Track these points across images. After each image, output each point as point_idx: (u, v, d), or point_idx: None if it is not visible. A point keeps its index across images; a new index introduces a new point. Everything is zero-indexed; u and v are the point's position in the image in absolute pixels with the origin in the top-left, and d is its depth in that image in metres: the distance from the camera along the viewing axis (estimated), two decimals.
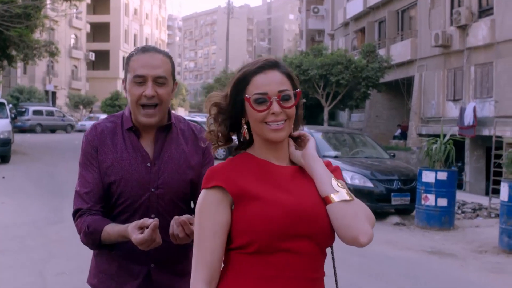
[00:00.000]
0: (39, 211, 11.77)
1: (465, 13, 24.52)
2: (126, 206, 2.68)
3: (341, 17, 40.32)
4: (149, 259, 2.68)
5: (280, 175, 2.08)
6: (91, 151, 2.70)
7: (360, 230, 1.93)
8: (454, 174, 11.62)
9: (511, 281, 7.85)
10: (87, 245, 2.68)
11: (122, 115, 2.79)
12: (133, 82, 2.62)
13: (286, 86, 2.07)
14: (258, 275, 1.96)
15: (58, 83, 64.13)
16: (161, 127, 2.73)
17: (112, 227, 2.58)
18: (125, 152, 2.69)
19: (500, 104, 22.44)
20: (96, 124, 2.79)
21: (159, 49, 2.73)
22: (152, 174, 2.68)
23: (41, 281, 7.12)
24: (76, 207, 2.69)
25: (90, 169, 2.69)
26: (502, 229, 9.56)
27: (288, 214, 1.96)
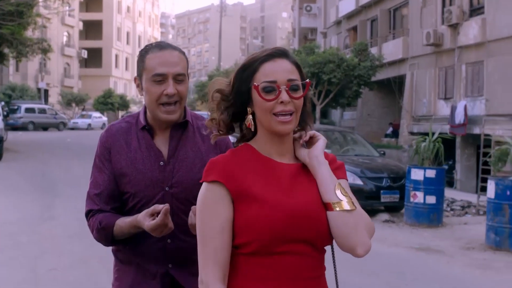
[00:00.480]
0: (31, 208, 11.83)
1: (456, 12, 24.62)
2: (140, 206, 2.63)
3: (334, 16, 40.40)
4: (167, 259, 2.65)
5: (282, 173, 2.02)
6: (104, 152, 2.70)
7: (359, 241, 1.92)
8: (443, 172, 11.74)
9: (497, 277, 7.97)
10: (100, 241, 2.69)
11: (138, 115, 2.77)
12: (152, 81, 2.58)
13: (295, 75, 2.02)
14: (255, 276, 1.94)
15: (51, 81, 64.06)
16: (176, 125, 2.70)
17: (123, 219, 2.59)
18: (139, 151, 2.67)
19: (490, 102, 22.56)
20: (112, 125, 2.80)
21: (174, 46, 2.70)
22: (166, 172, 2.64)
23: (33, 276, 7.19)
24: (87, 208, 2.71)
25: (101, 170, 2.69)
26: (488, 226, 9.69)
27: (288, 218, 1.92)
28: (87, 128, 52.08)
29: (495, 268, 8.43)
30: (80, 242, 8.95)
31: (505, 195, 9.33)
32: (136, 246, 2.65)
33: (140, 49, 23.29)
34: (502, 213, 9.35)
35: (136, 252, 2.67)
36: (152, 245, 2.61)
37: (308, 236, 1.94)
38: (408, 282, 7.59)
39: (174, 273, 2.65)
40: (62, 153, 25.31)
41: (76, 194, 13.85)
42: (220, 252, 1.95)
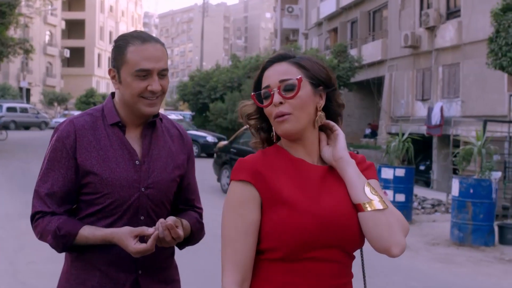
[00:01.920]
0: (11, 205, 12.07)
1: (433, 15, 25.03)
2: (114, 207, 2.43)
3: (315, 17, 40.74)
4: (137, 266, 2.46)
5: (312, 176, 1.95)
6: (62, 148, 2.44)
7: (393, 241, 1.85)
8: (412, 171, 12.13)
9: (457, 270, 8.34)
10: (55, 248, 2.42)
11: (102, 109, 2.55)
12: (135, 75, 2.40)
13: (290, 75, 1.94)
14: (281, 282, 1.88)
15: (33, 80, 63.87)
16: (148, 123, 2.55)
17: (91, 231, 2.38)
18: (110, 149, 2.46)
19: (466, 104, 22.97)
20: (74, 119, 2.51)
21: (155, 37, 2.53)
22: (142, 172, 2.47)
23: (12, 269, 7.46)
24: (35, 209, 2.45)
25: (57, 167, 2.44)
26: (453, 223, 10.10)
27: (319, 224, 1.85)
28: None
29: (456, 262, 8.82)
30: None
31: (468, 193, 9.73)
32: (101, 254, 2.42)
33: None
34: (465, 210, 9.76)
35: (102, 261, 2.43)
36: (121, 252, 2.38)
37: (338, 242, 1.89)
38: (370, 275, 7.93)
39: (142, 282, 2.47)
40: (43, 152, 25.29)
41: None
42: (241, 255, 1.89)
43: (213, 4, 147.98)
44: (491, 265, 8.70)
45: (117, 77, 2.47)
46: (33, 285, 6.85)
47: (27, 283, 6.93)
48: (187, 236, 2.53)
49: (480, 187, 9.69)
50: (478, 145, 9.96)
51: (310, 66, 1.98)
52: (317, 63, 2.02)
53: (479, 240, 9.75)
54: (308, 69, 1.97)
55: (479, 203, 9.69)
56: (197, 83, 35.45)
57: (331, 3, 37.01)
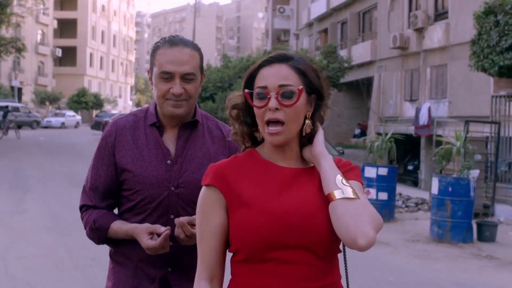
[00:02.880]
0: (2, 203, 12.29)
1: (421, 16, 25.25)
2: (144, 204, 2.56)
3: (306, 18, 40.91)
4: (166, 263, 2.57)
5: (279, 177, 1.94)
6: (105, 146, 2.61)
7: (360, 231, 1.75)
8: (394, 170, 12.42)
9: (433, 265, 8.60)
10: (93, 240, 2.64)
11: (146, 110, 2.69)
12: (159, 77, 2.52)
13: (291, 81, 1.90)
14: (249, 285, 1.87)
15: (24, 79, 63.78)
16: (185, 124, 2.62)
17: (119, 225, 2.54)
18: (146, 149, 2.58)
19: (453, 104, 23.23)
20: (118, 119, 2.70)
21: (187, 41, 2.60)
22: (173, 172, 2.56)
23: (3, 263, 7.69)
24: (82, 203, 2.67)
25: (101, 164, 2.62)
26: (432, 220, 10.39)
27: (277, 223, 1.83)
28: (60, 126, 52.12)
29: (434, 258, 9.10)
30: (48, 233, 9.52)
31: (447, 191, 10.02)
32: (134, 249, 2.54)
33: (115, 48, 24.02)
34: (444, 208, 10.04)
35: (135, 255, 2.58)
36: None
37: (302, 242, 1.84)
38: (351, 270, 8.19)
39: (171, 278, 2.58)
40: (35, 151, 25.65)
41: (47, 190, 14.38)
42: (209, 255, 1.94)
43: (206, 4, 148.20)
44: (467, 260, 8.98)
45: (151, 79, 2.60)
46: (23, 278, 7.08)
47: (17, 276, 7.17)
48: None
49: (458, 185, 9.98)
50: (457, 145, 10.26)
51: (309, 73, 1.95)
52: (313, 69, 1.99)
53: (458, 237, 10.04)
54: (307, 77, 1.94)
55: (457, 201, 9.97)
56: None
57: (322, 4, 37.23)
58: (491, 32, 13.48)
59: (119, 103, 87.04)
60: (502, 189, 14.17)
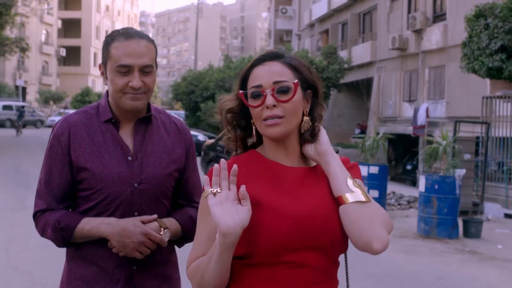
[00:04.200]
0: (4, 200, 12.69)
1: (420, 18, 25.55)
2: (107, 203, 2.46)
3: (307, 18, 41.21)
4: (132, 261, 2.47)
5: (289, 178, 1.90)
6: (58, 145, 2.49)
7: (375, 235, 1.74)
8: (386, 169, 12.79)
9: (417, 259, 8.95)
10: (54, 241, 2.49)
11: (97, 106, 2.59)
12: (116, 71, 2.42)
13: (285, 77, 1.87)
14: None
15: (29, 79, 64.25)
16: (140, 119, 2.55)
17: (91, 223, 2.44)
18: (104, 146, 2.48)
19: (450, 105, 23.54)
20: (68, 116, 2.57)
21: (142, 33, 2.51)
22: (134, 168, 2.48)
23: (5, 255, 8.09)
24: (36, 209, 2.52)
25: (54, 165, 2.49)
26: (419, 217, 10.75)
27: (293, 225, 1.79)
28: None
29: (419, 252, 9.46)
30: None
31: (433, 188, 10.38)
32: (98, 249, 2.46)
33: None
34: (430, 205, 10.40)
35: (98, 256, 2.47)
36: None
37: (317, 244, 1.81)
38: None
39: (136, 277, 2.49)
40: (37, 150, 25.92)
41: None
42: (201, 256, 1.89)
43: (210, 4, 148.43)
44: (450, 255, 9.33)
45: (105, 73, 2.51)
46: (24, 269, 7.47)
47: (18, 267, 7.55)
48: (181, 235, 2.58)
49: (444, 183, 10.33)
50: (444, 144, 10.62)
51: (302, 68, 1.93)
52: (306, 66, 1.96)
53: (443, 232, 10.39)
54: (301, 72, 1.91)
55: (443, 198, 10.33)
56: (190, 82, 36.07)
57: (323, 5, 37.53)
58: (481, 35, 13.85)
59: None
60: (492, 187, 14.52)
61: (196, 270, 1.85)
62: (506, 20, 13.42)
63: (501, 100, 15.26)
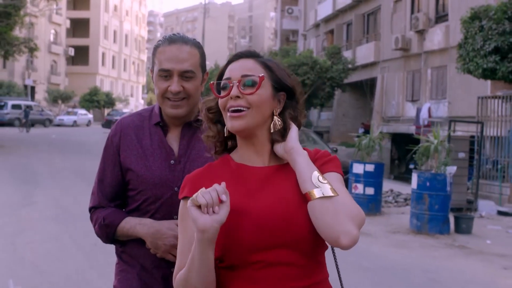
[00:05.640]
0: (13, 196, 13.13)
1: (422, 19, 25.86)
2: (147, 204, 2.54)
3: (313, 19, 41.58)
4: (169, 263, 2.48)
5: (254, 178, 1.93)
6: (111, 146, 2.61)
7: (341, 230, 1.72)
8: (381, 167, 13.13)
9: (408, 253, 9.30)
10: (101, 237, 2.62)
11: (152, 109, 2.67)
12: (158, 75, 2.49)
13: (255, 72, 1.92)
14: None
15: (37, 78, 64.76)
16: (188, 123, 2.57)
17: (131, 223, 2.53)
18: (150, 148, 2.56)
19: (452, 105, 23.81)
20: (123, 118, 2.69)
21: (187, 39, 2.56)
22: (176, 172, 2.51)
23: (12, 248, 8.51)
24: (90, 205, 2.66)
25: (107, 165, 2.62)
26: (412, 213, 11.11)
27: (255, 225, 1.81)
28: (72, 125, 53.10)
29: (410, 247, 9.81)
30: (55, 223, 10.33)
31: (425, 185, 10.74)
32: (140, 249, 2.55)
33: (126, 47, 24.30)
34: (422, 201, 10.76)
35: (141, 254, 2.56)
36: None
37: (284, 240, 1.81)
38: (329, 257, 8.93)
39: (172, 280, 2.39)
40: (46, 148, 26.54)
41: (55, 185, 15.21)
42: (185, 262, 1.90)
43: (218, 4, 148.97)
44: (440, 249, 9.68)
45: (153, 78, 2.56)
46: (30, 259, 7.88)
47: (25, 258, 7.96)
48: None
49: (436, 180, 10.69)
50: (435, 143, 10.97)
51: (277, 70, 1.97)
52: (284, 70, 2.00)
53: (435, 228, 10.75)
54: (274, 72, 1.96)
55: (435, 195, 10.69)
56: None
57: (328, 5, 37.88)
58: (476, 37, 14.18)
59: (131, 102, 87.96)
60: (486, 185, 14.86)
61: (180, 279, 1.86)
62: (500, 22, 13.77)
63: (495, 100, 15.60)
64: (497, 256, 9.32)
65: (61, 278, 7.06)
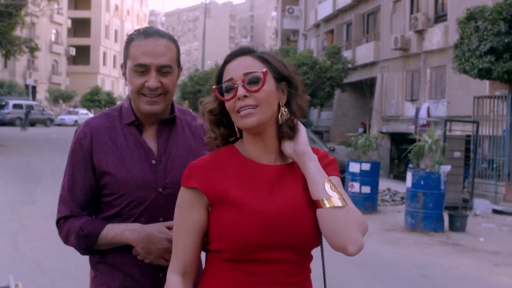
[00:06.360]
0: (14, 194, 13.31)
1: (421, 19, 25.92)
2: (131, 208, 2.38)
3: (313, 19, 41.56)
4: (158, 269, 2.39)
5: (263, 176, 1.93)
6: (80, 150, 2.41)
7: (350, 239, 1.80)
8: (377, 166, 13.31)
9: (401, 250, 9.48)
10: (78, 249, 2.43)
11: (120, 108, 2.51)
12: (134, 71, 2.35)
13: (255, 69, 1.91)
14: (232, 281, 1.88)
15: (39, 78, 64.91)
16: (163, 120, 2.46)
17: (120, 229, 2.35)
18: (127, 149, 2.40)
19: (451, 104, 23.89)
20: (90, 120, 2.49)
21: (163, 32, 2.42)
22: (159, 172, 2.40)
23: (13, 245, 8.69)
24: (59, 215, 2.45)
25: (77, 170, 2.41)
26: (406, 211, 11.29)
27: (262, 224, 1.84)
28: (73, 124, 53.13)
29: (403, 244, 10.00)
30: (55, 221, 10.49)
31: (419, 184, 10.92)
32: (123, 257, 2.40)
33: None
34: (417, 199, 10.95)
35: (124, 262, 2.41)
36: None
37: (289, 242, 1.87)
38: (316, 251, 9.09)
39: (163, 286, 2.24)
40: (46, 147, 26.67)
41: (56, 184, 15.35)
42: (183, 252, 1.96)
43: (219, 3, 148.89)
44: (433, 247, 9.86)
45: (126, 74, 2.44)
46: (31, 256, 8.06)
47: (26, 255, 8.14)
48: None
49: (430, 179, 10.87)
50: (429, 142, 11.14)
51: (274, 61, 1.96)
52: (279, 60, 2.00)
53: (429, 226, 10.93)
54: (272, 64, 1.95)
55: (429, 193, 10.87)
56: (197, 82, 36.65)
57: (328, 5, 37.92)
58: (472, 37, 14.35)
59: None
60: (482, 184, 15.03)
61: None
62: (495, 23, 13.94)
63: (491, 100, 15.76)
64: (489, 253, 9.49)
65: (61, 274, 7.24)
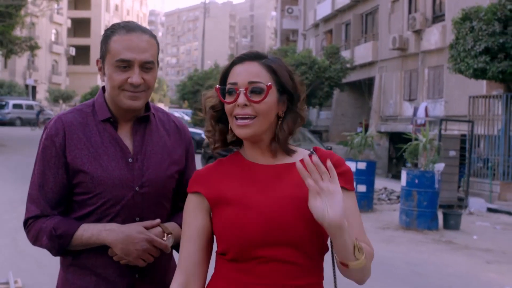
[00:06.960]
0: (14, 193, 13.44)
1: (419, 19, 26.07)
2: (107, 208, 2.29)
3: (312, 18, 41.73)
4: (133, 269, 2.31)
5: (264, 175, 1.95)
6: (52, 147, 2.31)
7: (362, 282, 1.92)
8: (373, 165, 13.46)
9: (395, 248, 9.62)
10: (50, 250, 2.31)
11: (92, 104, 2.41)
12: (115, 66, 2.26)
13: (261, 78, 1.90)
14: (237, 282, 1.87)
15: (39, 78, 65.06)
16: (139, 118, 2.39)
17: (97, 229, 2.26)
18: (102, 147, 2.31)
19: (449, 104, 24.06)
20: (61, 115, 2.39)
21: (144, 28, 2.34)
22: (135, 170, 2.32)
23: (14, 243, 8.84)
24: (29, 215, 2.34)
25: (47, 168, 2.32)
26: (401, 209, 11.44)
27: (263, 221, 1.84)
28: None
29: (397, 242, 10.14)
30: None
31: (414, 183, 11.07)
32: (98, 257, 2.30)
33: None
34: (411, 198, 11.09)
35: (99, 263, 2.31)
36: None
37: (289, 239, 1.85)
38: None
39: (139, 285, 2.35)
40: None
41: None
42: (185, 260, 1.96)
43: (219, 3, 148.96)
44: (426, 245, 10.00)
45: (103, 69, 2.35)
46: (31, 254, 8.20)
47: (25, 252, 8.28)
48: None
49: (424, 178, 11.01)
50: (424, 141, 11.28)
51: (280, 73, 1.94)
52: (287, 70, 1.98)
53: (423, 224, 11.07)
54: (279, 76, 1.93)
55: (423, 192, 11.01)
56: (196, 82, 36.77)
57: (327, 5, 38.08)
58: (467, 37, 14.48)
59: None
60: (477, 183, 15.18)
61: None
62: (490, 23, 14.07)
63: (486, 99, 15.91)
64: (482, 251, 9.64)
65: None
